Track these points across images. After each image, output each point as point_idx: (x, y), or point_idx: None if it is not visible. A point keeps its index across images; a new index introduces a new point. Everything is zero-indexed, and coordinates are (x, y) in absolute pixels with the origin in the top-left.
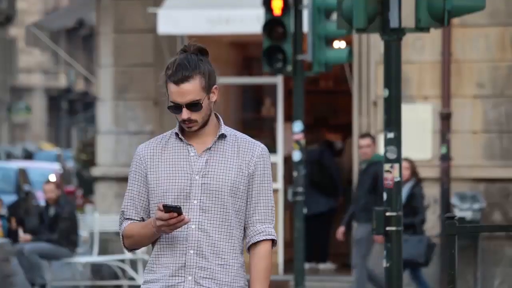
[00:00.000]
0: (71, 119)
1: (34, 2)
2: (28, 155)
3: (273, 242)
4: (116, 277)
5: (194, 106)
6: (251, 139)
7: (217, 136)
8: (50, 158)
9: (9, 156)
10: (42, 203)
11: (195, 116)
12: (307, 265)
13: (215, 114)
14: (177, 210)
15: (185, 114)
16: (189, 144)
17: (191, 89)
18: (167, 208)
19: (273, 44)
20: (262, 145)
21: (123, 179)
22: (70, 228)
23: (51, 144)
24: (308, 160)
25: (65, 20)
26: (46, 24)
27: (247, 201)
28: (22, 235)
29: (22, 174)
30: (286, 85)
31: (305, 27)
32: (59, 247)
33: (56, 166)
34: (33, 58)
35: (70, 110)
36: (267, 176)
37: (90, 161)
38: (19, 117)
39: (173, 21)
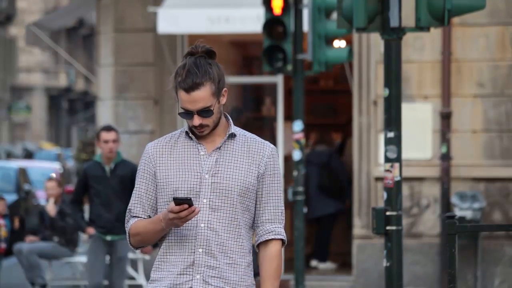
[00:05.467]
0: (71, 118)
1: (34, 1)
2: (28, 155)
3: (283, 242)
4: None
5: (205, 112)
6: (261, 139)
7: (227, 135)
8: (50, 158)
9: (9, 156)
10: (42, 202)
11: (206, 121)
12: (314, 262)
13: (224, 114)
14: (188, 201)
15: (197, 120)
16: (199, 143)
17: (202, 96)
18: (177, 201)
19: (273, 43)
20: (272, 145)
21: None
22: (74, 225)
23: (51, 143)
24: (316, 162)
25: (65, 20)
26: (46, 24)
27: (256, 201)
28: (29, 236)
29: (22, 173)
30: (286, 84)
31: (305, 26)
32: (59, 246)
33: (56, 165)
34: (33, 58)
35: (70, 109)
36: (277, 176)
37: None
38: (19, 116)
39: (173, 20)
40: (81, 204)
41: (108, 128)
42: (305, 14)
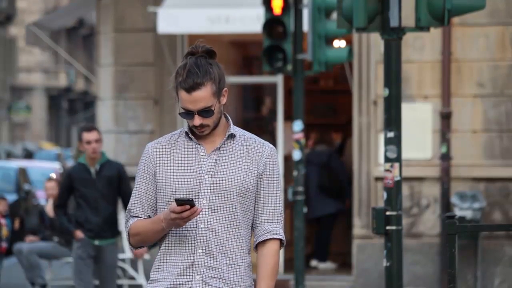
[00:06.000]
0: (71, 118)
1: (34, 1)
2: (28, 155)
3: (281, 242)
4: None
5: (206, 112)
6: (260, 139)
7: (226, 136)
8: (50, 158)
9: (9, 156)
10: (42, 202)
11: (207, 121)
12: (314, 262)
13: (224, 114)
14: (190, 202)
15: (197, 120)
16: (199, 144)
17: (202, 96)
18: (179, 202)
19: (273, 43)
20: (271, 146)
21: None
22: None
23: (51, 143)
24: (316, 162)
25: (65, 19)
26: (46, 23)
27: (255, 201)
28: (29, 236)
29: (22, 173)
30: (286, 84)
31: (305, 26)
32: (59, 246)
33: (56, 165)
34: (33, 58)
35: (70, 109)
36: (275, 176)
37: None
38: (19, 116)
39: (173, 20)
40: (65, 208)
41: (89, 128)
42: (305, 14)
